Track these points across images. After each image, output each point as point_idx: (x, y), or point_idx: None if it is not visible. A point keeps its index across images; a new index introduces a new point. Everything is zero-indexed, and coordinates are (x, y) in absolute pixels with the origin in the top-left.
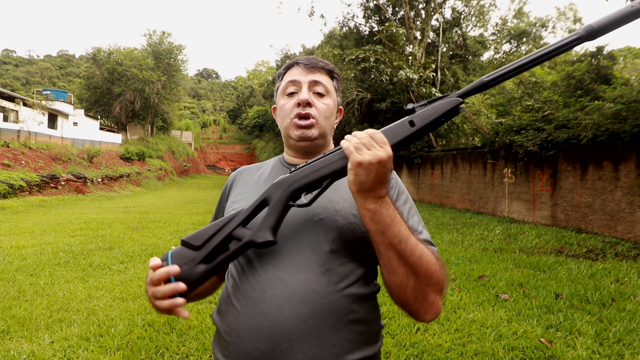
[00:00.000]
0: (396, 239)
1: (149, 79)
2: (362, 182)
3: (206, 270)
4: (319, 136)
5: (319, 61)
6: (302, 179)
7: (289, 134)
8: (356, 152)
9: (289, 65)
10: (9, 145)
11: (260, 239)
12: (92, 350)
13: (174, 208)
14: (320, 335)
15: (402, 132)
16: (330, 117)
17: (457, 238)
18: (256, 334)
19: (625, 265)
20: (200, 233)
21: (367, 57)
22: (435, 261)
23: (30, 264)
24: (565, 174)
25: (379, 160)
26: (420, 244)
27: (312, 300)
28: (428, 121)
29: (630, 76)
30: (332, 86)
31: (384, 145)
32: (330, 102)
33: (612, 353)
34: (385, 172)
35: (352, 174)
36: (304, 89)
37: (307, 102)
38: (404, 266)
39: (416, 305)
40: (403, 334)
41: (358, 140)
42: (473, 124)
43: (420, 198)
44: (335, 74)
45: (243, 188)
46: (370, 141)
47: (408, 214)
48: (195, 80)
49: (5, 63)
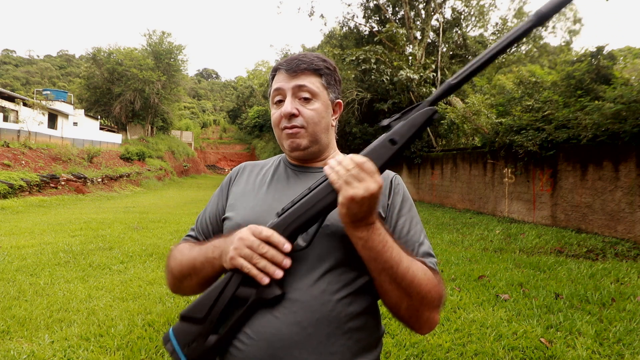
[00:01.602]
0: (388, 264)
1: (149, 79)
2: (354, 215)
3: (219, 340)
4: (310, 143)
5: (301, 62)
6: (293, 223)
7: (283, 144)
8: (347, 187)
9: (273, 70)
10: (9, 145)
11: (269, 295)
12: (92, 350)
13: (174, 208)
14: (319, 343)
15: (386, 153)
16: (320, 121)
17: (457, 238)
18: (257, 340)
19: (625, 265)
20: (200, 303)
21: (368, 58)
22: (429, 280)
23: (30, 264)
24: (565, 174)
25: (371, 194)
26: (414, 264)
27: (311, 308)
28: (408, 136)
29: (630, 76)
30: (320, 85)
31: (374, 175)
32: (318, 105)
33: (612, 353)
34: (376, 202)
35: (344, 209)
36: (288, 97)
37: (290, 115)
38: (396, 289)
39: (411, 322)
40: (403, 334)
41: (346, 172)
42: (473, 124)
43: (420, 198)
44: (323, 69)
45: (244, 188)
46: (360, 172)
47: (411, 223)
48: (195, 80)
49: (5, 63)
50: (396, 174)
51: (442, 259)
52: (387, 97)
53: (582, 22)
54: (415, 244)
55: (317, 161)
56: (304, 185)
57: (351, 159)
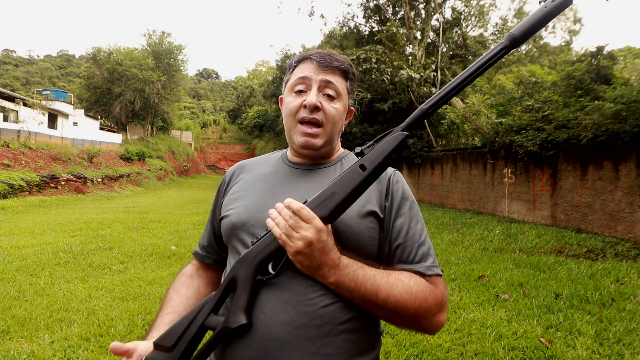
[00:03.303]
0: (366, 297)
1: (149, 79)
2: (309, 266)
3: None
4: (325, 144)
5: (334, 59)
6: (262, 252)
7: (293, 138)
8: (289, 242)
9: (301, 58)
10: (9, 145)
11: (233, 325)
12: (92, 350)
13: (174, 208)
14: (313, 344)
15: (355, 179)
16: (338, 122)
17: (457, 238)
18: (248, 340)
19: (625, 265)
20: (171, 331)
21: (369, 57)
22: (417, 295)
23: (30, 264)
24: (565, 174)
25: (310, 242)
26: (395, 287)
27: (305, 308)
28: (378, 162)
29: (630, 76)
30: (344, 88)
31: (312, 221)
32: (340, 105)
33: (612, 353)
34: (324, 245)
35: (297, 264)
36: (314, 89)
37: (314, 106)
38: (384, 313)
39: (413, 329)
40: (403, 334)
41: (285, 223)
42: (473, 124)
43: (420, 198)
44: (350, 74)
45: (242, 184)
46: (297, 221)
47: (410, 222)
48: (195, 80)
49: (5, 63)
50: (396, 170)
51: (442, 259)
52: (387, 97)
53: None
54: (414, 245)
55: (320, 160)
56: (302, 184)
57: (289, 206)
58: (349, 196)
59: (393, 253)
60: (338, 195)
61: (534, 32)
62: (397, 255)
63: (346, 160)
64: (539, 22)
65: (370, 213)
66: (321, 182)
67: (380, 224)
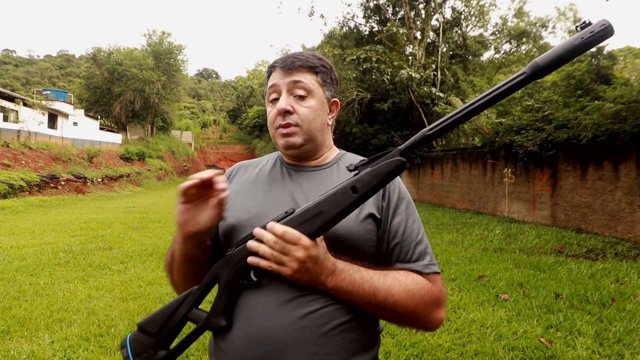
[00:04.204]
0: (366, 298)
1: (149, 79)
2: (308, 280)
3: (167, 355)
4: (305, 142)
5: (296, 59)
6: (245, 259)
7: (277, 143)
8: (282, 268)
9: (269, 68)
10: (9, 145)
11: (214, 325)
12: (92, 350)
13: (174, 208)
14: (313, 344)
15: (345, 201)
16: (316, 119)
17: (457, 238)
18: (248, 341)
19: (625, 265)
20: (155, 317)
21: (369, 57)
22: (415, 294)
23: (30, 264)
24: (565, 174)
25: (303, 261)
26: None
27: (305, 309)
28: (371, 186)
29: (630, 76)
30: (315, 82)
31: (299, 241)
32: (313, 102)
33: (612, 353)
34: (316, 258)
35: (294, 280)
36: (283, 94)
37: (284, 111)
38: (383, 313)
39: (412, 327)
40: (403, 334)
41: (271, 251)
42: (473, 124)
43: (420, 198)
44: (319, 67)
45: (240, 185)
46: (284, 245)
47: (407, 222)
48: (195, 80)
49: (5, 63)
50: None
51: (442, 259)
52: (387, 97)
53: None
54: (411, 244)
55: (313, 159)
56: (299, 184)
57: (272, 232)
58: (336, 217)
59: (391, 252)
60: (325, 216)
61: (563, 64)
62: (395, 254)
63: (342, 162)
64: (569, 53)
65: (368, 215)
66: (319, 184)
67: (377, 225)
